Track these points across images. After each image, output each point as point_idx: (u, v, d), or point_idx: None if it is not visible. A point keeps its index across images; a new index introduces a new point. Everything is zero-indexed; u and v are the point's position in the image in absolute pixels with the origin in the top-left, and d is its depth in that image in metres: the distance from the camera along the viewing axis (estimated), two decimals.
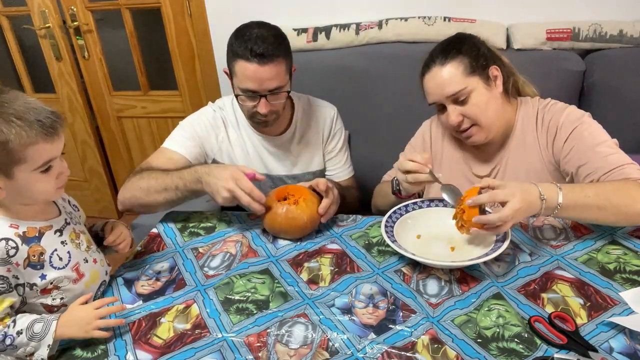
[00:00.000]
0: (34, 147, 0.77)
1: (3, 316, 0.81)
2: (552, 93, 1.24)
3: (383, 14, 1.91)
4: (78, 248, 0.92)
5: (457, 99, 1.12)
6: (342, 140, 1.45)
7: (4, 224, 0.82)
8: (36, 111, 0.77)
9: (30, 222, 0.85)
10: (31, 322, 0.81)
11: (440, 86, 1.12)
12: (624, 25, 1.71)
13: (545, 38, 1.75)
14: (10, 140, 0.74)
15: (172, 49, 2.29)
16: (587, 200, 0.94)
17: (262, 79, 1.16)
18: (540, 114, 1.16)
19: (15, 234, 0.82)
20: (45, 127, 0.77)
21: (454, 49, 1.13)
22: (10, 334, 0.80)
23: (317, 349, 0.80)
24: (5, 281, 0.80)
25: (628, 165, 1.01)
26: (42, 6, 2.26)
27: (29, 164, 0.78)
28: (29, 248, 0.83)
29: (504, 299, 0.88)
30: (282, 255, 1.07)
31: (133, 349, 0.83)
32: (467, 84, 1.10)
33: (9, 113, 0.75)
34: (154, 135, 2.57)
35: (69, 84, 2.46)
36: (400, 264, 1.01)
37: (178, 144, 1.31)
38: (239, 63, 1.15)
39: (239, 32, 1.19)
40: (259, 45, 1.13)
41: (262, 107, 1.20)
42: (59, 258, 0.87)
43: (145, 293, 0.97)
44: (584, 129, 1.08)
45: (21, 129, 0.75)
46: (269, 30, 1.18)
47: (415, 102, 1.27)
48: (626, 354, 0.75)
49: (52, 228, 0.88)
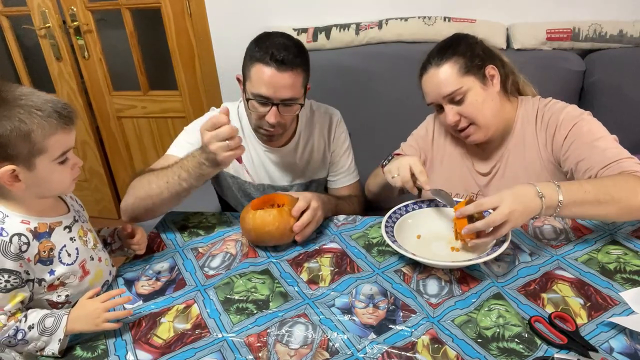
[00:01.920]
0: (54, 137, 0.79)
1: (15, 311, 0.82)
2: (552, 93, 1.24)
3: (383, 14, 1.91)
4: (85, 245, 0.93)
5: (454, 99, 1.13)
6: (345, 145, 1.43)
7: (16, 219, 0.83)
8: (52, 102, 0.80)
9: (40, 217, 0.86)
10: (42, 316, 0.82)
11: (436, 86, 1.14)
12: (624, 25, 1.71)
13: (545, 38, 1.75)
14: (33, 131, 0.77)
15: (172, 49, 2.29)
16: (587, 196, 0.93)
17: (277, 86, 1.13)
18: (540, 113, 1.16)
19: (27, 229, 0.83)
20: (63, 117, 0.80)
21: (450, 49, 1.14)
22: (22, 328, 0.81)
23: (317, 349, 0.80)
24: (18, 276, 0.81)
25: (626, 159, 1.01)
26: (42, 6, 2.26)
27: (49, 153, 0.80)
28: (40, 243, 0.84)
29: (504, 299, 0.88)
30: (282, 256, 1.07)
31: (133, 349, 0.83)
32: (462, 84, 1.11)
33: (29, 105, 0.77)
34: (154, 135, 2.57)
35: (69, 84, 2.46)
36: (401, 264, 1.01)
37: (185, 150, 1.23)
38: (256, 66, 1.13)
39: (260, 38, 1.17)
40: (280, 52, 1.11)
41: (271, 116, 1.17)
42: (67, 254, 0.88)
43: (146, 293, 0.97)
44: (583, 126, 1.08)
45: (42, 119, 0.77)
46: (291, 40, 1.17)
47: (415, 102, 1.27)
48: (626, 354, 0.75)
49: (61, 224, 0.89)
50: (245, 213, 1.09)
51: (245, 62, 1.18)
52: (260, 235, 1.07)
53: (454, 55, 1.13)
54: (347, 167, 1.45)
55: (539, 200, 0.92)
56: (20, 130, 0.76)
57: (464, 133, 1.17)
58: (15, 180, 0.80)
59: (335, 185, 1.46)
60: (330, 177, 1.45)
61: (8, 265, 0.80)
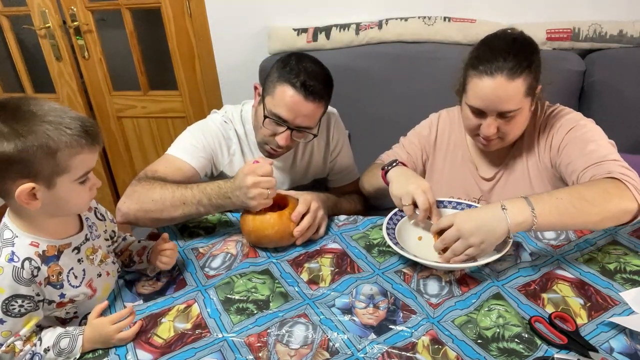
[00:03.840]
0: (79, 156, 0.76)
1: (30, 335, 0.80)
2: (552, 93, 1.23)
3: (383, 14, 1.91)
4: (92, 264, 0.90)
5: (505, 115, 1.04)
6: (343, 143, 1.42)
7: (25, 240, 0.80)
8: (81, 121, 0.76)
9: (50, 239, 0.83)
10: (57, 338, 0.81)
11: (498, 99, 1.02)
12: (624, 25, 1.71)
13: (545, 38, 1.75)
14: (60, 150, 0.74)
15: (172, 49, 2.29)
16: (560, 203, 0.89)
17: (299, 113, 1.13)
18: (545, 120, 1.14)
19: (35, 253, 0.80)
20: (90, 137, 0.77)
21: (526, 60, 1.01)
22: (38, 352, 0.80)
23: (317, 349, 0.81)
24: (32, 300, 0.79)
25: (609, 162, 0.97)
26: (42, 6, 2.26)
27: (71, 173, 0.77)
28: (48, 267, 0.81)
29: (504, 299, 0.88)
30: (283, 256, 1.07)
31: (134, 349, 0.83)
32: (522, 105, 1.03)
33: (58, 122, 0.74)
34: (154, 135, 2.57)
35: (69, 84, 2.46)
36: (401, 265, 1.01)
37: (189, 154, 1.22)
38: (284, 86, 1.12)
39: (292, 59, 1.15)
40: (311, 81, 1.11)
41: (283, 138, 1.16)
42: (74, 276, 0.86)
43: (146, 293, 0.97)
44: (578, 130, 1.07)
45: (71, 137, 0.74)
46: (323, 70, 1.17)
47: (415, 101, 1.27)
48: (626, 354, 0.75)
49: (70, 246, 0.86)
50: (245, 215, 1.09)
51: (271, 77, 1.16)
52: (259, 238, 1.07)
53: (528, 69, 1.00)
54: (347, 166, 1.45)
55: (501, 215, 0.88)
56: (46, 148, 0.72)
57: (488, 141, 1.10)
58: (32, 199, 0.76)
59: (336, 184, 1.46)
60: (330, 176, 1.45)
61: (22, 290, 0.77)
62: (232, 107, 1.35)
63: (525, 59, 1.00)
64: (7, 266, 0.76)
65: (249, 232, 1.07)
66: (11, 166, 0.72)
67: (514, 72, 0.99)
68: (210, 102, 2.35)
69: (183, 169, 1.19)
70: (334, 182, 1.46)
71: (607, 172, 0.95)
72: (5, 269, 0.76)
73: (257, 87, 1.24)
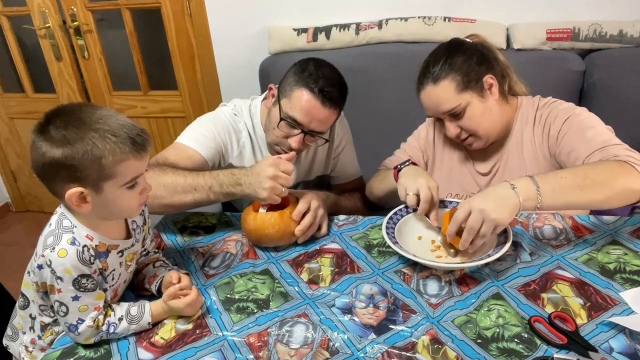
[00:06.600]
0: (125, 163, 0.78)
1: (106, 309, 0.85)
2: (552, 93, 1.24)
3: (383, 14, 1.92)
4: (127, 270, 0.92)
5: (453, 114, 1.13)
6: (347, 141, 1.42)
7: (82, 232, 0.82)
8: (128, 128, 0.78)
9: (102, 237, 0.84)
10: (127, 307, 0.87)
11: (435, 104, 1.14)
12: (624, 25, 1.72)
13: (545, 38, 1.75)
14: (105, 156, 0.75)
15: (172, 49, 2.29)
16: (564, 182, 0.91)
17: (314, 117, 1.14)
18: (540, 112, 1.17)
19: (90, 245, 0.82)
20: (136, 144, 0.78)
21: (446, 64, 1.11)
22: (113, 322, 0.84)
23: (317, 348, 0.81)
24: (93, 278, 0.82)
25: (613, 146, 0.99)
26: (42, 6, 2.27)
27: (118, 179, 0.79)
28: (100, 261, 0.84)
29: (504, 299, 0.89)
30: (283, 256, 1.07)
31: (135, 349, 0.83)
32: (460, 101, 1.11)
33: (104, 129, 0.76)
34: (154, 135, 2.58)
35: (69, 84, 2.47)
36: (401, 265, 1.01)
37: (200, 143, 1.21)
38: (302, 90, 1.12)
39: (308, 64, 1.16)
40: (329, 87, 1.12)
41: (295, 141, 1.16)
42: (112, 277, 0.88)
43: (147, 295, 0.97)
44: (575, 118, 1.09)
45: (115, 145, 0.76)
46: (340, 77, 1.19)
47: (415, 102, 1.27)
48: (626, 354, 0.75)
49: (117, 248, 0.88)
50: (246, 214, 1.09)
51: (287, 79, 1.17)
52: (260, 237, 1.07)
53: (451, 71, 1.10)
54: (350, 163, 1.45)
55: (511, 192, 0.89)
56: (91, 154, 0.74)
57: (465, 142, 1.18)
58: (82, 202, 0.79)
59: (338, 181, 1.46)
60: (333, 172, 1.45)
61: (86, 270, 0.80)
62: (241, 100, 1.35)
63: (445, 62, 1.11)
64: (71, 248, 0.79)
65: (250, 231, 1.08)
66: (60, 171, 0.76)
67: (437, 77, 1.11)
68: (210, 102, 2.35)
69: (193, 158, 1.19)
70: (336, 179, 1.46)
71: (614, 156, 0.96)
72: (69, 251, 0.78)
73: (272, 88, 1.24)
